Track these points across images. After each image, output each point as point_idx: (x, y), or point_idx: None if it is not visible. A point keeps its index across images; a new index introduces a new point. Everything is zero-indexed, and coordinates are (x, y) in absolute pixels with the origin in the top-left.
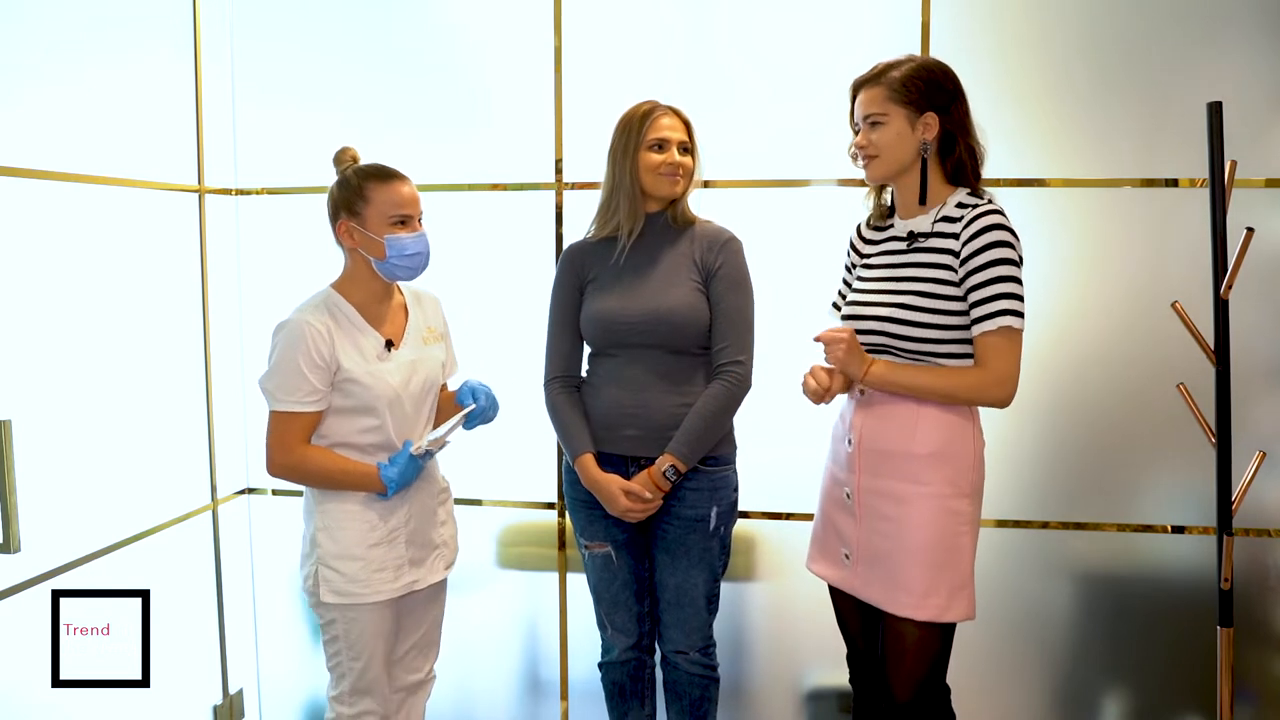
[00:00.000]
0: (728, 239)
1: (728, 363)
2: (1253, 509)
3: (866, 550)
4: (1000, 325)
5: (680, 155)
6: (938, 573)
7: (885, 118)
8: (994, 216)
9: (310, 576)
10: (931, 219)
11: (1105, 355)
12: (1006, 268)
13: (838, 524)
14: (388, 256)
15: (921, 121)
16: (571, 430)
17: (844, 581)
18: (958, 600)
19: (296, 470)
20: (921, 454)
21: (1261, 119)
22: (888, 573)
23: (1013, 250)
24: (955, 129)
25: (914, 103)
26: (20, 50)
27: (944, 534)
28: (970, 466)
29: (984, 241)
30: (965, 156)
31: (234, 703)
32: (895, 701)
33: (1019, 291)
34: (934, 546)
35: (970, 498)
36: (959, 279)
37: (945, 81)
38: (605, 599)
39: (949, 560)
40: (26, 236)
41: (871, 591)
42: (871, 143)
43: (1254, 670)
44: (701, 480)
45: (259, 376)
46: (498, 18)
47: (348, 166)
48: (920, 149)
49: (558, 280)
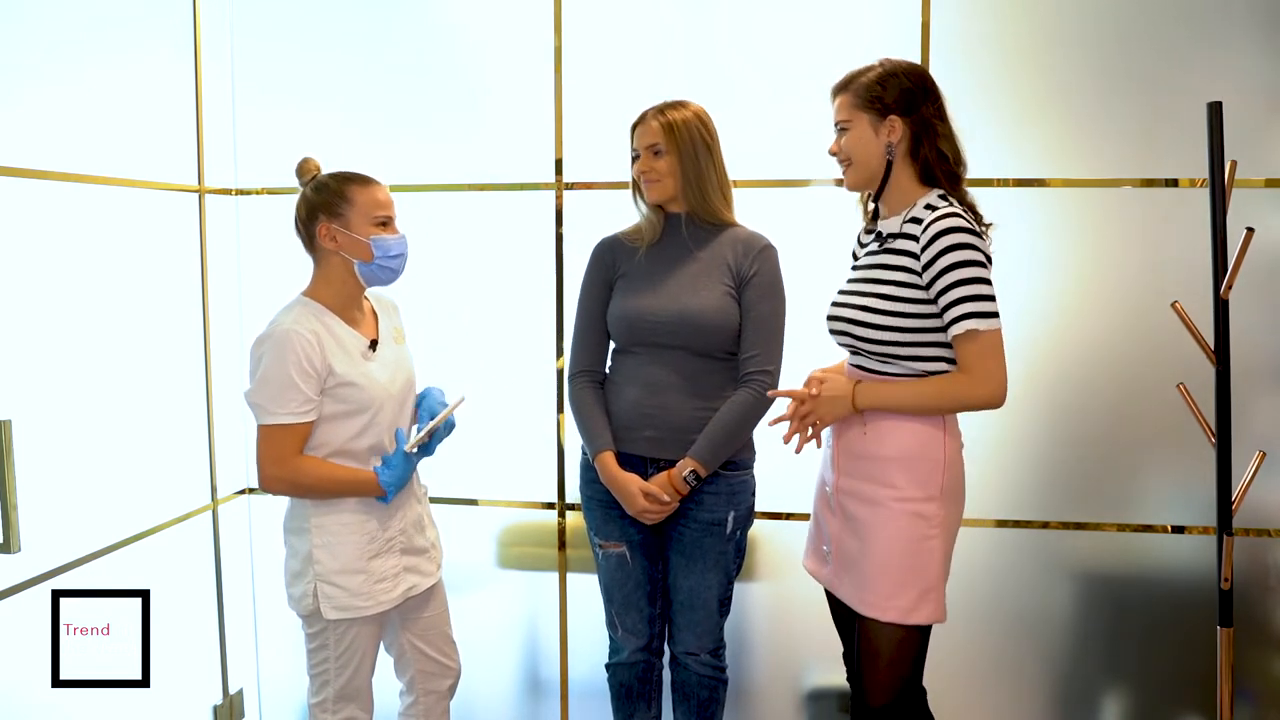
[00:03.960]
0: (764, 245)
1: (756, 371)
2: (1253, 509)
3: (841, 549)
4: (965, 329)
5: (653, 159)
6: (903, 576)
7: (850, 124)
8: (950, 220)
9: (308, 595)
10: (901, 220)
11: (1105, 355)
12: (964, 270)
13: (822, 520)
14: (374, 258)
15: (886, 125)
16: (593, 427)
17: (825, 578)
18: (925, 603)
19: (294, 483)
20: (889, 457)
21: (1261, 119)
22: (858, 573)
23: (972, 251)
24: (920, 130)
25: (876, 108)
26: (20, 50)
27: (910, 538)
28: (940, 470)
29: (940, 247)
30: (931, 157)
31: (234, 703)
32: (869, 706)
33: (982, 291)
34: (899, 550)
35: (941, 500)
36: (925, 284)
37: (911, 84)
38: (617, 599)
39: (915, 564)
40: (26, 236)
41: (844, 590)
42: (842, 149)
43: (1254, 670)
44: (720, 485)
45: (245, 391)
46: (498, 17)
47: (314, 175)
48: (885, 152)
49: (587, 274)
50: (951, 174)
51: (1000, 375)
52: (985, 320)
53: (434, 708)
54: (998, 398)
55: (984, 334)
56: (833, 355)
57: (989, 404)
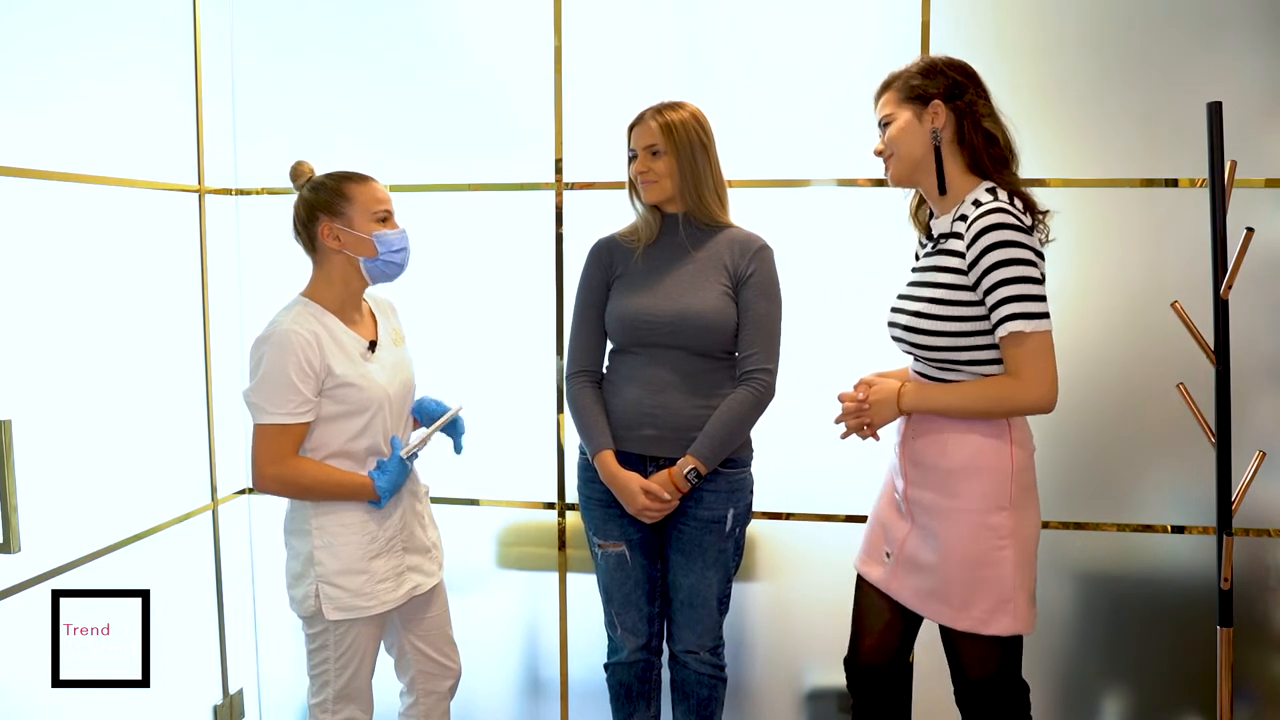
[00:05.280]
0: (761, 246)
1: (755, 370)
2: (1253, 509)
3: (910, 555)
4: (1010, 331)
5: (651, 160)
6: (975, 588)
7: (893, 117)
8: (993, 216)
9: (310, 596)
10: (950, 218)
11: (1105, 355)
12: (1007, 269)
13: (887, 523)
14: (379, 253)
15: (929, 112)
16: (593, 426)
17: (882, 581)
18: (1001, 614)
19: (289, 483)
20: (952, 468)
21: (1261, 119)
22: (927, 581)
23: (1017, 249)
24: (964, 115)
25: (918, 97)
26: (21, 50)
27: (978, 549)
28: (1008, 479)
29: (983, 245)
30: (978, 141)
31: (234, 703)
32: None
33: (1027, 292)
34: (968, 562)
35: (1011, 510)
36: (971, 284)
37: (951, 71)
38: (617, 599)
39: (987, 575)
40: (26, 236)
41: (906, 595)
42: (886, 144)
43: (1254, 670)
44: (720, 482)
45: (243, 390)
46: (498, 18)
47: (309, 177)
48: (931, 138)
49: (585, 274)
50: (1000, 158)
51: (1050, 378)
52: (1032, 321)
53: (434, 708)
54: (1047, 402)
55: (1030, 335)
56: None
57: (1038, 408)
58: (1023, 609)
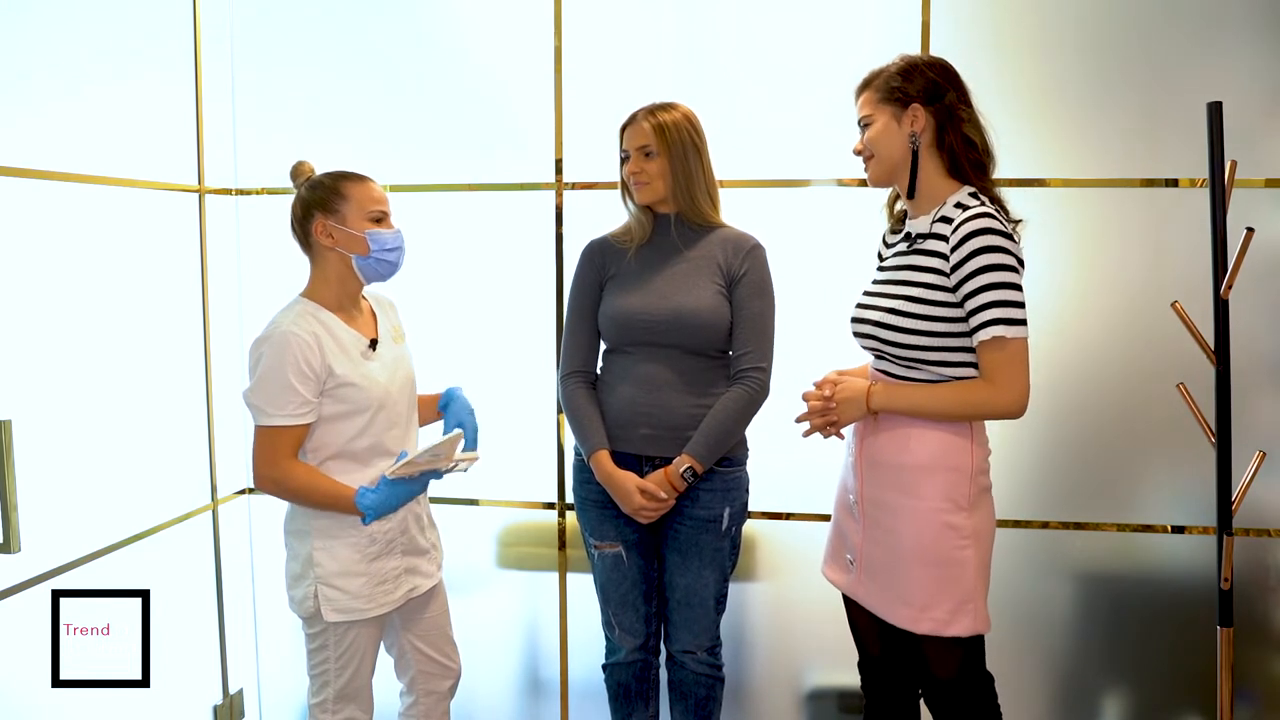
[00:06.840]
0: (753, 245)
1: (749, 369)
2: (1253, 509)
3: (868, 558)
4: (991, 336)
5: (644, 161)
6: (937, 587)
7: (872, 118)
8: (982, 220)
9: (309, 597)
10: (930, 219)
11: (1105, 355)
12: (993, 274)
13: (844, 529)
14: (371, 252)
15: (908, 115)
16: (588, 427)
17: (849, 587)
18: (962, 614)
19: (281, 485)
20: (915, 466)
21: (1261, 119)
22: (887, 583)
23: (1003, 255)
24: (943, 118)
25: (899, 99)
26: (21, 51)
27: (940, 548)
28: (968, 479)
29: (970, 248)
30: (957, 146)
31: (234, 703)
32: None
33: (1011, 298)
34: (930, 561)
35: (970, 511)
36: (952, 286)
37: (933, 73)
38: (614, 599)
39: (948, 575)
40: (26, 236)
41: (872, 599)
42: (865, 145)
43: (1254, 670)
44: (715, 481)
45: (243, 391)
46: (498, 18)
47: (308, 176)
48: (909, 142)
49: (577, 275)
50: (979, 163)
51: (1023, 385)
52: (1012, 327)
53: (434, 708)
54: (1019, 407)
55: (1011, 341)
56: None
57: (1008, 414)
58: (982, 609)
